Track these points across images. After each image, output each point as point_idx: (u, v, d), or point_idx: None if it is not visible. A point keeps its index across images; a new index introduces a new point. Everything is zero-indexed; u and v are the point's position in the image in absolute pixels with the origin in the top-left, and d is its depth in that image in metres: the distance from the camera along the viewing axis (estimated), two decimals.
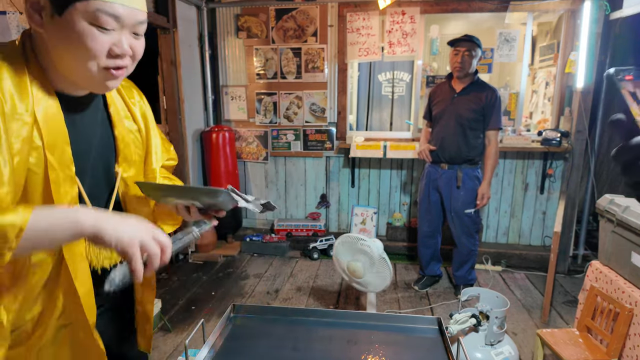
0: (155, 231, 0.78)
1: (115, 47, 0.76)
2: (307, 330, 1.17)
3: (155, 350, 2.42)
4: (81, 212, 0.74)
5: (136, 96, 1.01)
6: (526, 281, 3.40)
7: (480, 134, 2.90)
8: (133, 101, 0.99)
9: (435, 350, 1.07)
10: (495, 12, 3.53)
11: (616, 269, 2.02)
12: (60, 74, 0.80)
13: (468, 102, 2.87)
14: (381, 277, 2.37)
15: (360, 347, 1.09)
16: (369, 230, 3.97)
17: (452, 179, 2.96)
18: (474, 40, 2.80)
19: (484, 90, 2.86)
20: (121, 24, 0.76)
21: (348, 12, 3.67)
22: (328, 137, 3.91)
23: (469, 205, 2.95)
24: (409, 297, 3.11)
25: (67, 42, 0.74)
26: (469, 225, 3.02)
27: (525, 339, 2.56)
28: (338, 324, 1.19)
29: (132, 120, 0.98)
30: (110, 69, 0.77)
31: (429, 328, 1.16)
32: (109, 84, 0.80)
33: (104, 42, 0.75)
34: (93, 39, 0.73)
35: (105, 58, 0.76)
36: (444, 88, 3.02)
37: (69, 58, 0.76)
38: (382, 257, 2.33)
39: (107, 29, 0.74)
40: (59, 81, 0.81)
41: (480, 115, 2.86)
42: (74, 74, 0.79)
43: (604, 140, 3.65)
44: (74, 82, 0.81)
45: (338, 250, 2.51)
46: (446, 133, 2.93)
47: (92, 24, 0.72)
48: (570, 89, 3.53)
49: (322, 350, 1.09)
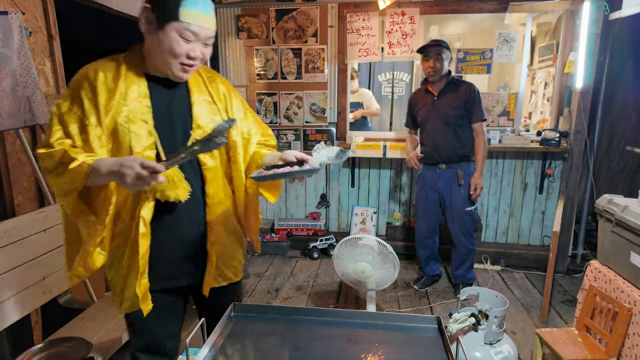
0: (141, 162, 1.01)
1: (191, 52, 1.14)
2: (307, 329, 1.18)
3: None
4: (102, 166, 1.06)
5: (219, 84, 1.35)
6: (525, 281, 3.40)
7: (468, 129, 2.95)
8: (214, 86, 1.33)
9: (435, 349, 1.08)
10: (494, 12, 3.54)
11: (615, 268, 2.03)
12: (153, 64, 1.19)
13: (449, 101, 2.94)
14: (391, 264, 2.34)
15: (360, 346, 1.09)
16: (369, 230, 3.98)
17: (452, 178, 2.99)
18: (442, 44, 2.89)
19: (460, 88, 2.93)
20: (197, 38, 1.14)
21: (348, 12, 3.67)
22: (328, 137, 3.92)
23: (469, 202, 2.99)
24: (409, 296, 3.12)
25: (162, 44, 1.12)
26: (468, 224, 3.03)
27: (524, 338, 2.56)
28: (338, 323, 1.19)
29: (210, 98, 1.30)
30: (185, 65, 1.16)
31: (428, 327, 1.17)
32: (183, 75, 1.19)
33: (185, 48, 1.13)
34: (178, 44, 1.12)
35: (184, 58, 1.14)
36: (422, 94, 3.09)
37: (160, 55, 1.14)
38: (383, 244, 2.32)
39: (188, 40, 1.13)
40: (152, 68, 1.21)
41: (464, 111, 2.92)
42: (162, 65, 1.17)
43: (603, 141, 3.66)
44: (161, 70, 1.19)
45: (339, 256, 2.48)
46: (436, 135, 2.98)
47: (180, 35, 1.11)
48: (569, 89, 3.53)
49: (322, 349, 1.09)
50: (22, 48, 1.79)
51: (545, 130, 3.53)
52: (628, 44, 3.41)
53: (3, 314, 1.59)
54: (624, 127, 3.61)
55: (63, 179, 1.09)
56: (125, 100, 1.14)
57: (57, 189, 1.14)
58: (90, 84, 1.13)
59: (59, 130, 1.12)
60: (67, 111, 1.13)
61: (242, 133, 1.36)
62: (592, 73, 3.24)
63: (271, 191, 1.39)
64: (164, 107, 1.21)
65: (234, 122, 1.18)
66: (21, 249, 1.72)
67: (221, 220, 1.33)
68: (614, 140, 3.67)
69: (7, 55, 1.74)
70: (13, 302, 1.64)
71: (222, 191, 1.32)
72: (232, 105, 1.34)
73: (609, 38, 3.32)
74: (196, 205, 1.27)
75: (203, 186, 1.27)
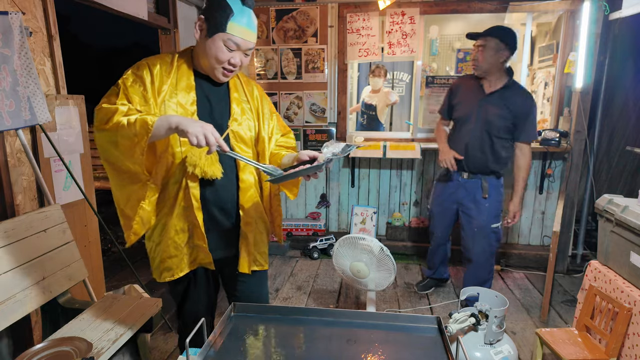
0: (212, 130, 1.20)
1: (232, 59, 1.35)
2: (307, 329, 1.18)
3: (155, 349, 2.43)
4: (173, 116, 1.22)
5: (254, 88, 1.57)
6: (525, 281, 3.40)
7: (510, 144, 2.58)
8: (250, 89, 1.55)
9: (435, 349, 1.08)
10: (494, 12, 3.54)
11: (615, 268, 2.03)
12: (200, 64, 1.41)
13: (499, 108, 2.50)
14: (386, 269, 2.36)
15: (360, 346, 1.09)
16: (369, 230, 3.98)
17: (476, 190, 2.65)
18: (492, 34, 2.46)
19: (518, 96, 2.50)
20: (239, 48, 1.34)
21: (348, 12, 3.67)
22: (328, 137, 3.92)
23: (495, 218, 2.64)
24: (409, 296, 3.12)
25: (208, 50, 1.33)
26: (492, 243, 2.69)
27: (524, 338, 2.56)
28: (338, 323, 1.19)
29: (245, 98, 1.52)
30: (225, 70, 1.38)
31: (428, 327, 1.17)
32: (224, 78, 1.41)
33: (228, 56, 1.34)
34: (223, 52, 1.33)
35: (226, 64, 1.36)
36: (471, 85, 2.64)
37: (206, 59, 1.36)
38: (384, 250, 2.33)
39: (231, 49, 1.33)
40: (199, 67, 1.42)
41: (511, 124, 2.52)
42: (207, 67, 1.39)
43: (603, 141, 3.66)
44: (206, 71, 1.41)
45: (338, 254, 2.50)
46: (472, 140, 2.60)
47: (225, 45, 1.32)
48: (569, 89, 3.53)
49: (322, 349, 1.09)
50: (23, 48, 1.79)
51: (545, 130, 3.53)
52: (628, 44, 3.41)
53: (3, 314, 1.59)
54: (624, 127, 3.61)
55: (128, 130, 1.19)
56: (176, 89, 1.36)
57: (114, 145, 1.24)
58: (149, 69, 1.33)
59: (123, 97, 1.28)
60: (132, 84, 1.31)
61: (268, 131, 1.56)
62: (592, 73, 3.24)
63: (289, 188, 1.60)
64: (206, 100, 1.42)
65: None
66: (21, 249, 1.72)
67: (252, 205, 1.51)
68: (614, 140, 3.67)
69: (7, 55, 1.74)
70: (13, 302, 1.64)
71: (253, 178, 1.51)
72: (263, 107, 1.56)
73: (609, 38, 3.32)
74: (231, 188, 1.47)
75: (237, 172, 1.47)
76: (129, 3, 2.72)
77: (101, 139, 1.27)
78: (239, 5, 1.31)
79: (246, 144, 1.48)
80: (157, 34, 3.39)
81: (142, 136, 1.19)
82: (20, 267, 1.70)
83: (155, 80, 1.33)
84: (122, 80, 1.32)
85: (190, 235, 1.44)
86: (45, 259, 1.82)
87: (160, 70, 1.35)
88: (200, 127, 1.18)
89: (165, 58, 1.40)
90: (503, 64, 2.51)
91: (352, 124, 4.60)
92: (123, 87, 1.30)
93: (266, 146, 1.55)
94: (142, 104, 1.30)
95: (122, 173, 1.30)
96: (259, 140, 1.54)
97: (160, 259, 1.46)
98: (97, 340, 1.61)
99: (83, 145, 2.37)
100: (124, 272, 3.54)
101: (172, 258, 1.45)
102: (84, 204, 2.36)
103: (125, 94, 1.29)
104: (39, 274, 1.78)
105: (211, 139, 1.19)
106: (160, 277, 1.49)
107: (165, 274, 1.47)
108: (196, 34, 1.36)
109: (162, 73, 1.35)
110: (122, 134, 1.21)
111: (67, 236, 1.97)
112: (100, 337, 1.64)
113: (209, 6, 1.33)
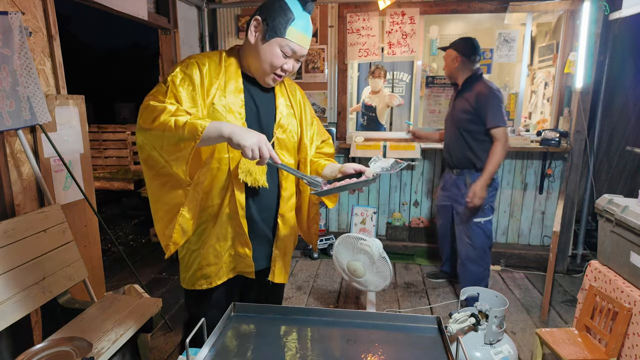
0: (266, 142, 1.15)
1: (285, 66, 1.32)
2: (307, 329, 1.18)
3: (155, 349, 2.43)
4: (225, 124, 1.15)
5: (297, 92, 1.53)
6: (525, 281, 3.40)
7: (483, 136, 2.66)
8: (293, 93, 1.50)
9: (435, 349, 1.08)
10: (494, 12, 3.54)
11: (615, 268, 2.03)
12: (248, 66, 1.36)
13: (462, 103, 2.71)
14: (381, 276, 2.38)
15: (360, 346, 1.09)
16: (369, 230, 3.98)
17: (462, 185, 2.78)
18: (452, 47, 2.77)
19: (475, 88, 2.65)
20: (294, 55, 1.31)
21: (348, 12, 3.67)
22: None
23: (479, 213, 2.70)
24: (409, 296, 3.12)
25: (263, 54, 1.29)
26: (479, 237, 2.72)
27: (524, 338, 2.56)
28: (338, 323, 1.19)
29: (289, 103, 1.47)
30: (276, 76, 1.34)
31: (428, 327, 1.17)
32: (271, 82, 1.36)
33: (282, 62, 1.30)
34: (278, 58, 1.29)
35: (279, 70, 1.32)
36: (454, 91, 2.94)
37: (258, 62, 1.31)
38: (382, 256, 2.33)
39: (287, 55, 1.30)
40: (247, 69, 1.37)
41: (475, 117, 2.64)
42: (257, 71, 1.34)
43: (603, 141, 3.66)
44: (254, 74, 1.36)
45: (338, 250, 2.51)
46: (449, 138, 2.88)
47: (281, 50, 1.28)
48: (569, 89, 3.54)
49: (322, 349, 1.09)
50: (22, 48, 1.79)
51: (545, 130, 3.53)
52: (628, 44, 3.41)
53: (3, 314, 1.59)
54: (624, 127, 3.61)
55: (176, 133, 1.12)
56: (224, 91, 1.30)
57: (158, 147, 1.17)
58: (199, 69, 1.27)
59: (172, 96, 1.21)
60: (181, 83, 1.24)
61: (309, 138, 1.53)
62: (592, 73, 3.24)
63: (330, 198, 1.57)
64: (253, 104, 1.38)
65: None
66: (21, 249, 1.72)
67: (291, 214, 1.50)
68: (614, 140, 3.67)
69: (7, 55, 1.74)
70: (13, 302, 1.64)
71: (293, 186, 1.50)
72: (306, 112, 1.52)
73: (609, 38, 3.32)
74: (273, 196, 1.44)
75: (279, 180, 1.44)
76: (129, 3, 2.72)
77: (145, 139, 1.19)
78: (300, 10, 1.27)
79: (289, 151, 1.45)
80: (157, 34, 3.39)
81: (190, 142, 1.12)
82: (20, 267, 1.70)
83: (204, 81, 1.27)
84: (171, 77, 1.24)
85: (232, 243, 1.40)
86: (45, 259, 1.82)
87: (209, 70, 1.29)
88: (256, 140, 1.12)
89: (213, 57, 1.34)
90: (461, 69, 2.75)
91: (352, 124, 4.60)
92: (172, 86, 1.23)
93: (308, 153, 1.50)
94: (191, 105, 1.23)
95: (162, 177, 1.23)
96: (301, 148, 1.49)
97: (197, 266, 1.40)
98: (97, 340, 1.61)
99: (83, 145, 2.37)
100: (124, 272, 3.54)
101: (211, 266, 1.39)
102: (84, 204, 2.36)
103: (173, 92, 1.22)
104: (39, 274, 1.78)
105: (265, 152, 1.13)
106: (193, 284, 1.42)
107: (201, 281, 1.41)
108: (250, 36, 1.30)
109: (211, 73, 1.29)
110: (168, 136, 1.13)
111: (67, 236, 1.97)
112: (100, 337, 1.64)
113: (268, 8, 1.27)
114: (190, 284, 1.43)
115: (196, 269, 1.40)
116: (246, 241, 1.39)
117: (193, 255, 1.40)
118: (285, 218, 1.47)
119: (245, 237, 1.38)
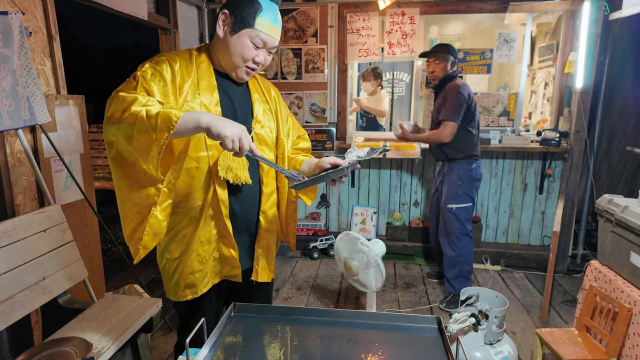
0: (246, 133, 1.11)
1: (257, 58, 1.29)
2: (307, 329, 1.17)
3: (155, 350, 2.43)
4: (202, 114, 1.09)
5: (271, 88, 1.52)
6: (525, 281, 3.40)
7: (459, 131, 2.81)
8: (267, 89, 1.49)
9: (435, 349, 1.07)
10: (494, 12, 3.54)
11: (615, 268, 2.03)
12: (219, 62, 1.33)
13: (438, 101, 2.95)
14: (374, 278, 2.39)
15: (360, 346, 1.09)
16: (369, 230, 3.98)
17: (444, 176, 3.02)
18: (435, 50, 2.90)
19: (446, 86, 2.87)
20: (265, 46, 1.28)
21: (348, 12, 3.67)
22: (328, 137, 3.92)
23: (451, 200, 2.87)
24: (409, 296, 3.12)
25: (233, 47, 1.26)
26: (450, 225, 2.89)
27: (524, 338, 2.56)
28: (338, 323, 1.19)
29: (264, 99, 1.46)
30: (249, 69, 1.31)
31: (428, 327, 1.17)
32: (245, 76, 1.34)
33: (253, 53, 1.27)
34: (249, 50, 1.26)
35: (250, 62, 1.29)
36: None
37: (229, 56, 1.28)
38: (377, 260, 2.34)
39: (257, 47, 1.26)
40: (219, 66, 1.34)
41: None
42: (228, 65, 1.31)
43: (603, 141, 3.66)
44: (226, 69, 1.33)
45: (339, 245, 2.54)
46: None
47: (251, 41, 1.25)
48: (569, 89, 3.54)
49: (322, 349, 1.09)
50: (22, 48, 1.79)
51: (545, 130, 3.53)
52: (628, 44, 3.41)
53: (3, 314, 1.59)
54: (624, 127, 3.62)
55: (147, 124, 1.05)
56: (198, 88, 1.27)
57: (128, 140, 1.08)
58: (170, 65, 1.23)
59: (142, 90, 1.15)
60: (152, 78, 1.18)
61: (285, 133, 1.51)
62: (592, 73, 3.24)
63: (307, 194, 1.56)
64: (228, 100, 1.35)
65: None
66: (21, 249, 1.72)
67: (272, 211, 1.47)
68: (614, 140, 3.67)
69: (7, 55, 1.74)
70: (13, 302, 1.64)
71: (274, 182, 1.47)
72: (281, 108, 1.51)
73: (609, 38, 3.33)
74: (255, 193, 1.41)
75: (260, 176, 1.42)
76: (129, 3, 2.72)
77: (113, 132, 1.09)
78: (267, 1, 1.24)
79: (269, 146, 1.43)
80: (157, 34, 3.38)
81: (163, 132, 1.04)
82: (20, 267, 1.70)
83: (176, 78, 1.22)
84: (141, 72, 1.18)
85: (216, 245, 1.35)
86: (45, 259, 1.82)
87: (180, 67, 1.24)
88: (237, 130, 1.07)
89: (183, 55, 1.29)
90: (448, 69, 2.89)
91: (352, 124, 4.60)
92: (142, 80, 1.16)
93: (285, 149, 1.49)
94: (163, 99, 1.18)
95: (132, 174, 1.14)
96: (279, 143, 1.48)
97: (180, 275, 1.34)
98: (97, 340, 1.61)
99: (83, 145, 2.37)
100: (124, 272, 3.55)
101: (195, 273, 1.34)
102: (84, 204, 2.36)
103: (144, 86, 1.16)
104: (39, 274, 1.78)
105: (245, 144, 1.09)
106: (179, 295, 1.37)
107: (187, 291, 1.36)
108: (219, 30, 1.27)
109: (182, 71, 1.25)
110: (139, 128, 1.05)
111: (67, 236, 1.97)
112: (100, 337, 1.63)
113: (235, 1, 1.25)
114: (175, 295, 1.38)
115: (179, 277, 1.35)
116: (231, 242, 1.35)
117: (174, 263, 1.35)
118: (267, 215, 1.44)
119: (230, 238, 1.34)
